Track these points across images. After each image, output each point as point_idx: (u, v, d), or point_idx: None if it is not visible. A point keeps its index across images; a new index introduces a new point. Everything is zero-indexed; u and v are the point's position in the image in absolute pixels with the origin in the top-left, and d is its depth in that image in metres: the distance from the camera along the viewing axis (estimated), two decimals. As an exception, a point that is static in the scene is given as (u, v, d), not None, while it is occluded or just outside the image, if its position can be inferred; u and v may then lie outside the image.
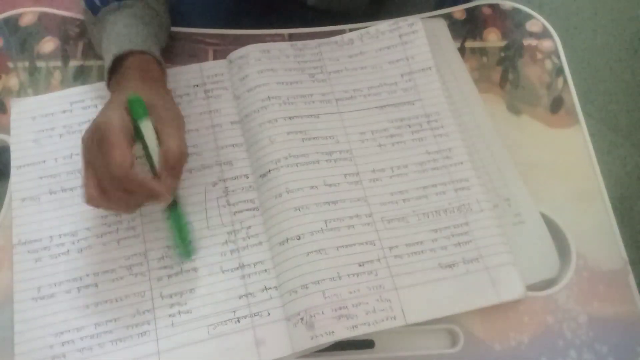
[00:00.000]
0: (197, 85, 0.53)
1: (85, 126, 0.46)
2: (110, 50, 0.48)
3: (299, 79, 0.53)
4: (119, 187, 0.41)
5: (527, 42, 0.59)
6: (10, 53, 0.57)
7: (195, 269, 0.46)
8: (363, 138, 0.51)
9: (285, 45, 0.55)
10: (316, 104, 0.52)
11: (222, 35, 0.58)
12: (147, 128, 0.43)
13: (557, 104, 0.56)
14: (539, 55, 0.58)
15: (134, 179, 0.41)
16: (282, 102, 0.51)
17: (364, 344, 0.45)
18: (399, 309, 0.44)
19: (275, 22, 0.58)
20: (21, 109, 0.52)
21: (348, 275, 0.45)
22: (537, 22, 0.60)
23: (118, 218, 0.47)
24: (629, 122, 1.25)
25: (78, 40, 0.57)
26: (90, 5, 0.51)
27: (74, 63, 0.56)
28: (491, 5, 0.61)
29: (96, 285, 0.45)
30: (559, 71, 0.57)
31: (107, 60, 0.48)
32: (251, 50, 0.54)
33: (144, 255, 0.46)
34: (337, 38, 0.56)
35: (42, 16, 0.58)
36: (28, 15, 0.59)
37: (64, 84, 0.55)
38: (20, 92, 0.54)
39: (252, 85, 0.52)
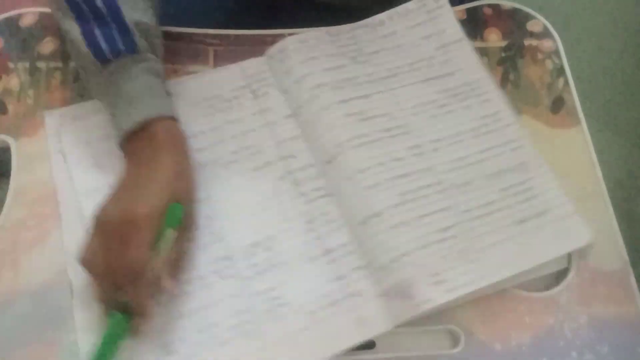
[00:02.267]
0: (243, 87, 0.54)
1: None
2: (128, 112, 0.45)
3: (342, 63, 0.54)
4: (119, 280, 0.41)
5: (528, 42, 0.59)
6: (11, 53, 0.57)
7: (283, 262, 0.46)
8: (416, 111, 0.52)
9: (320, 32, 0.56)
10: (364, 85, 0.53)
11: (223, 35, 0.58)
12: (169, 238, 0.43)
13: (557, 104, 0.56)
14: (540, 56, 0.58)
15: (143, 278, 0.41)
16: (331, 87, 0.52)
17: (364, 344, 0.45)
18: (487, 268, 0.45)
19: (276, 22, 0.58)
20: (73, 135, 0.51)
21: (434, 242, 0.46)
22: (538, 22, 0.60)
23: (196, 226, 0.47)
24: (629, 122, 1.25)
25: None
26: (100, 56, 0.47)
27: (74, 63, 0.56)
28: (492, 6, 0.61)
29: (189, 293, 0.45)
30: (560, 71, 0.57)
31: (126, 122, 0.45)
32: (289, 43, 0.54)
33: (230, 257, 0.46)
34: (368, 21, 0.57)
35: (42, 16, 0.58)
36: (28, 15, 0.58)
37: (64, 84, 0.55)
38: (21, 93, 0.55)
39: (298, 76, 0.53)
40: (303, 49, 0.54)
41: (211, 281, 0.45)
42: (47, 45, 0.57)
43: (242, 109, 0.53)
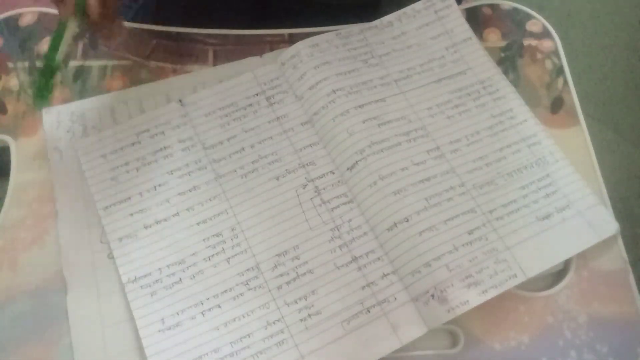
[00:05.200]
0: (257, 95, 0.54)
1: (158, 155, 0.49)
2: None
3: (355, 67, 0.54)
4: None
5: (527, 42, 0.59)
6: (10, 53, 0.57)
7: (310, 271, 0.46)
8: (431, 113, 0.52)
9: (331, 35, 0.56)
10: (378, 89, 0.53)
11: (222, 35, 0.58)
12: None
13: (557, 104, 0.56)
14: (539, 56, 0.58)
15: None
16: (347, 92, 0.52)
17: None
18: (517, 266, 0.46)
19: (276, 21, 0.58)
20: (88, 149, 0.51)
21: (463, 245, 0.46)
22: (537, 22, 0.60)
23: (220, 238, 0.47)
24: (629, 122, 1.25)
25: (78, 40, 0.57)
26: None
27: (74, 63, 0.56)
28: (491, 5, 0.61)
29: (219, 306, 0.45)
30: (559, 71, 0.57)
31: None
32: (301, 48, 0.54)
33: (257, 268, 0.46)
34: (377, 22, 0.57)
35: (42, 16, 0.58)
36: (28, 15, 0.59)
37: (64, 84, 0.55)
38: (20, 92, 0.55)
39: (312, 82, 0.53)
40: (315, 53, 0.54)
41: (240, 292, 0.45)
42: (47, 45, 0.57)
43: (258, 117, 0.53)
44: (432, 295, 0.44)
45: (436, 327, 0.44)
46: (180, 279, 0.46)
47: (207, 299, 0.45)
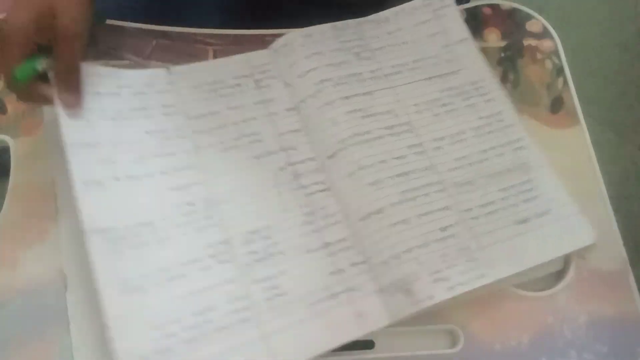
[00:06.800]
0: (246, 76, 0.54)
1: (138, 114, 0.48)
2: None
3: (346, 59, 0.54)
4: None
5: (527, 42, 0.59)
6: (10, 53, 0.57)
7: (281, 252, 0.46)
8: (418, 109, 0.52)
9: (326, 27, 0.56)
10: (367, 82, 0.53)
11: (222, 35, 0.58)
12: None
13: (557, 104, 0.56)
14: (539, 56, 0.58)
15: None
16: (334, 83, 0.52)
17: (364, 344, 0.45)
18: (487, 267, 0.45)
19: (276, 21, 0.58)
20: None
21: (434, 241, 0.46)
22: (537, 22, 0.60)
23: (193, 208, 0.46)
24: (629, 122, 1.25)
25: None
26: None
27: (73, 63, 0.56)
28: (491, 5, 0.61)
29: (184, 275, 0.44)
30: (559, 71, 0.58)
31: None
32: (293, 37, 0.54)
33: (227, 243, 0.46)
34: (373, 17, 0.57)
35: (42, 16, 0.58)
36: (28, 15, 0.58)
37: (64, 84, 0.55)
38: (20, 92, 0.54)
39: (302, 70, 0.53)
40: (307, 43, 0.54)
41: (208, 264, 0.45)
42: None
43: (244, 97, 0.52)
44: (399, 287, 0.44)
45: (399, 319, 0.43)
46: (148, 242, 0.44)
47: (174, 266, 0.44)
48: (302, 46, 0.54)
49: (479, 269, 0.45)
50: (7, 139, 0.52)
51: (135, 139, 0.48)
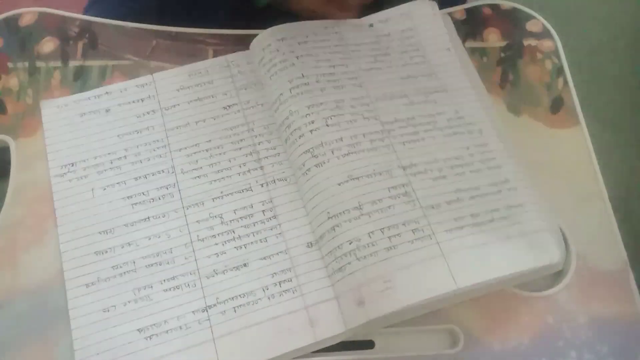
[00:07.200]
0: (225, 68, 0.55)
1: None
2: None
3: (325, 58, 0.54)
4: None
5: (527, 42, 0.59)
6: (10, 53, 0.57)
7: (243, 246, 0.48)
8: (385, 99, 0.52)
9: (304, 25, 0.56)
10: (342, 82, 0.53)
11: (222, 35, 0.58)
12: None
13: (557, 104, 0.56)
14: (539, 56, 0.58)
15: None
16: (306, 82, 0.52)
17: (364, 344, 0.45)
18: (449, 275, 0.44)
19: (276, 21, 0.58)
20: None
21: (397, 245, 0.45)
22: (537, 22, 0.60)
23: (160, 193, 0.50)
24: (629, 122, 1.25)
25: (78, 40, 0.57)
26: None
27: (73, 63, 0.56)
28: (491, 5, 0.61)
29: (135, 271, 0.46)
30: (559, 71, 0.57)
31: None
32: (269, 34, 0.55)
33: (185, 226, 0.48)
34: (356, 21, 0.57)
35: (42, 16, 0.58)
36: (28, 15, 0.59)
37: (64, 83, 0.55)
38: (20, 92, 0.55)
39: (276, 69, 0.53)
40: (283, 45, 0.54)
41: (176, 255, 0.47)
42: (47, 45, 0.57)
43: (219, 90, 0.54)
44: (355, 295, 0.43)
45: (354, 327, 0.43)
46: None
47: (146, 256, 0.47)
48: (278, 43, 0.54)
49: (441, 277, 0.44)
50: (7, 139, 0.52)
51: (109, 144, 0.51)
